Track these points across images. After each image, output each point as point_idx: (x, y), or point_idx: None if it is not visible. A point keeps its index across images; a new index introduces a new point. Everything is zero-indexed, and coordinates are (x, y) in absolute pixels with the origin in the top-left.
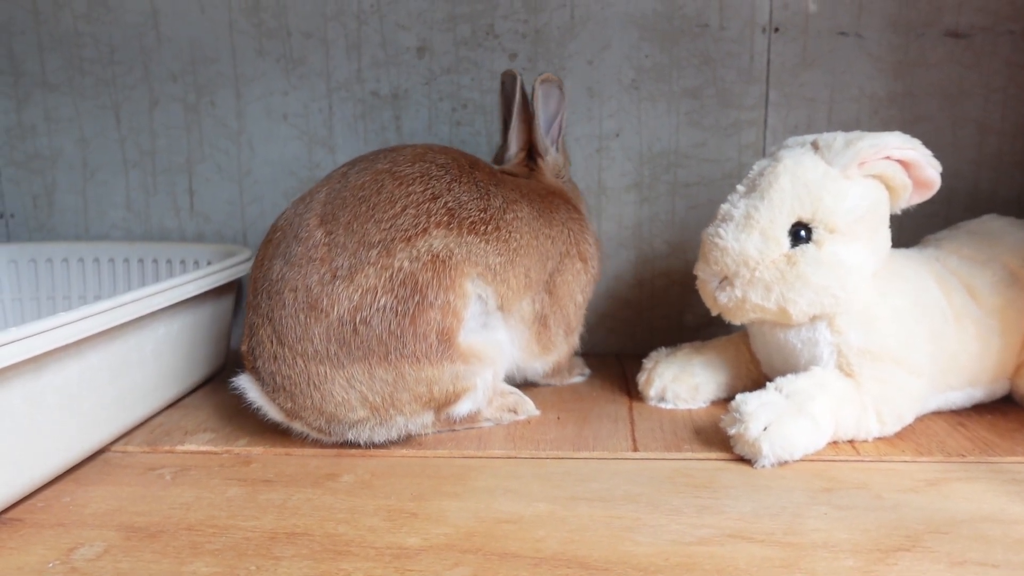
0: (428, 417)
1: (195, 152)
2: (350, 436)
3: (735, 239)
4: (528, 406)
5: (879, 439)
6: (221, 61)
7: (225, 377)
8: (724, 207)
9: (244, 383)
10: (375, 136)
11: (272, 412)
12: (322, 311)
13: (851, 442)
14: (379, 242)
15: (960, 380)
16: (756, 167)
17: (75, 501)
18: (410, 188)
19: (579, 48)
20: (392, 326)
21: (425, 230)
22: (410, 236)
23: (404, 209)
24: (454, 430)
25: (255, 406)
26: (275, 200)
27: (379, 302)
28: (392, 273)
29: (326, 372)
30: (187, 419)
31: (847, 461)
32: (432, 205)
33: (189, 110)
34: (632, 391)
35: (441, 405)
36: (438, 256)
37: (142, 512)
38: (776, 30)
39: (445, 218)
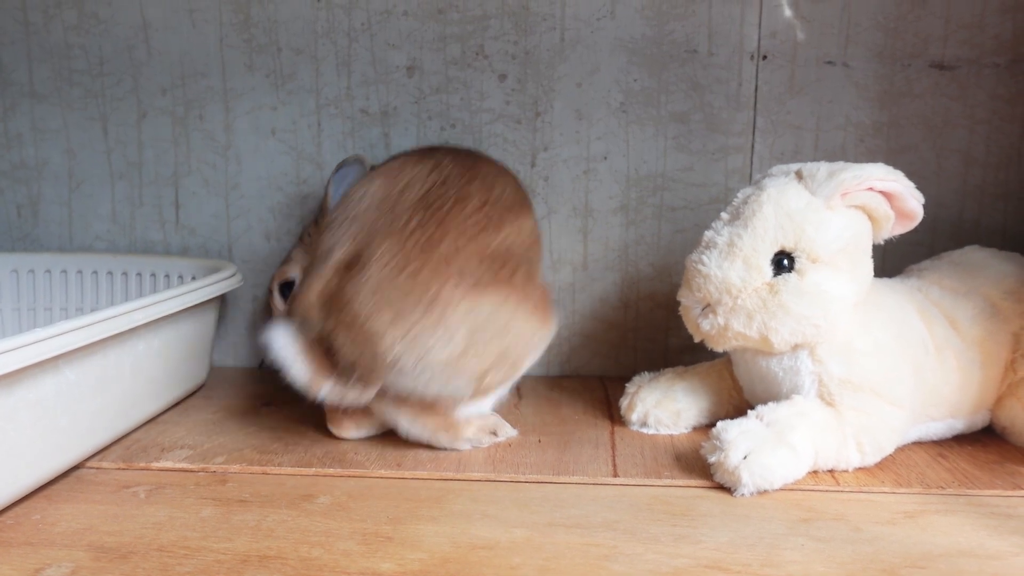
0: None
1: (182, 165)
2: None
3: (718, 267)
4: (507, 428)
5: (859, 469)
6: (211, 75)
7: (206, 394)
8: (708, 234)
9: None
10: (363, 153)
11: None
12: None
13: (831, 472)
14: None
15: (941, 411)
16: (740, 195)
17: (45, 519)
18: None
19: (568, 70)
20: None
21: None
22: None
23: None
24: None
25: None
26: (261, 215)
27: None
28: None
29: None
30: (164, 436)
31: (826, 491)
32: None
33: (177, 123)
34: (614, 415)
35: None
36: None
37: (113, 532)
38: (764, 57)
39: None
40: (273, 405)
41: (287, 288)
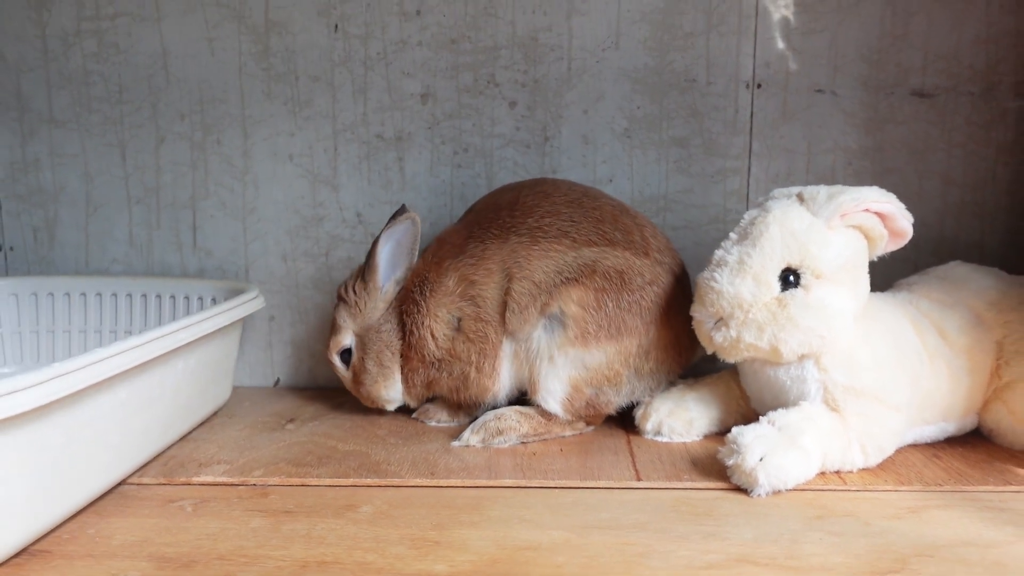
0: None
1: (200, 189)
2: None
3: (730, 283)
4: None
5: (863, 470)
6: (229, 102)
7: (228, 412)
8: (718, 253)
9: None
10: (378, 177)
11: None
12: None
13: (838, 473)
14: None
15: (934, 415)
16: (747, 216)
17: (100, 533)
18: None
19: (575, 98)
20: None
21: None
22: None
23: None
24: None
25: None
26: (277, 237)
27: None
28: None
29: None
30: (198, 452)
31: (835, 490)
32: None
33: (195, 148)
34: (627, 424)
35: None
36: None
37: (170, 543)
38: (759, 86)
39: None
40: (296, 421)
41: (346, 354)
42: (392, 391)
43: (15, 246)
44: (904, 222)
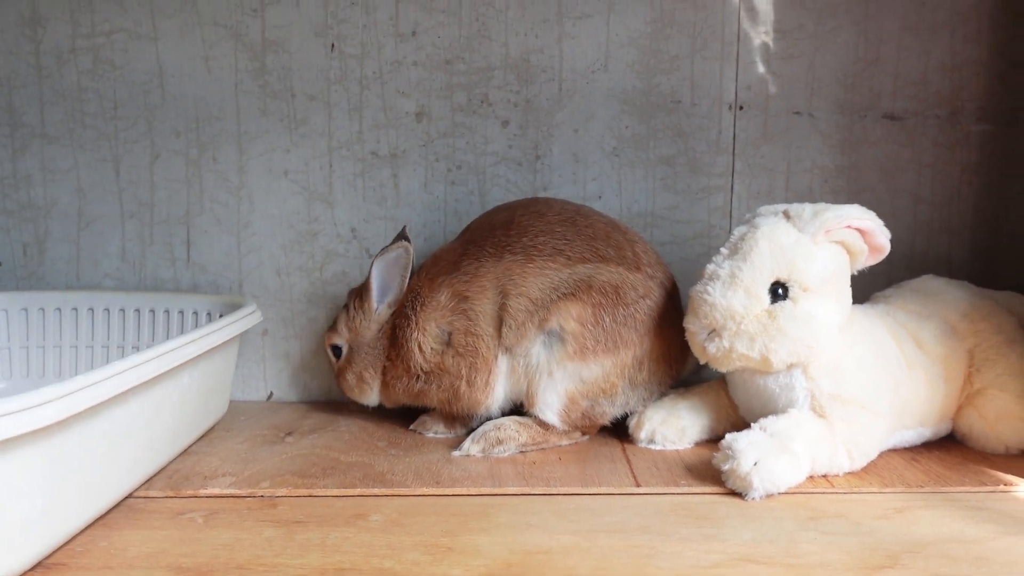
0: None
1: (194, 205)
2: None
3: (722, 296)
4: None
5: (849, 473)
6: (225, 119)
7: (226, 426)
8: (710, 267)
9: None
10: (373, 193)
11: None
12: None
13: (825, 476)
14: None
15: (913, 420)
16: (736, 232)
17: (113, 545)
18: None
19: (566, 118)
20: None
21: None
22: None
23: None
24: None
25: None
26: (272, 252)
27: None
28: None
29: None
30: (201, 464)
31: (824, 493)
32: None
33: (191, 164)
34: (620, 434)
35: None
36: None
37: (186, 553)
38: (741, 108)
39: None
40: (296, 434)
41: (337, 349)
42: (366, 400)
43: (4, 261)
44: (882, 238)
